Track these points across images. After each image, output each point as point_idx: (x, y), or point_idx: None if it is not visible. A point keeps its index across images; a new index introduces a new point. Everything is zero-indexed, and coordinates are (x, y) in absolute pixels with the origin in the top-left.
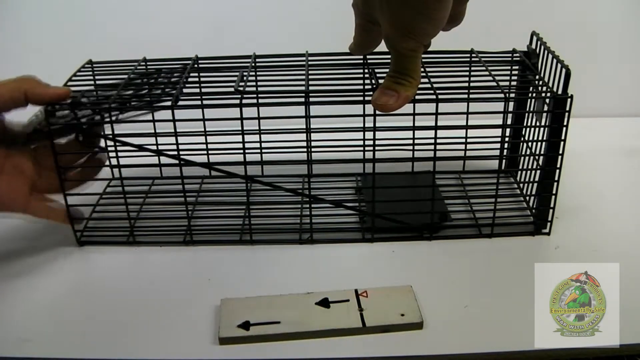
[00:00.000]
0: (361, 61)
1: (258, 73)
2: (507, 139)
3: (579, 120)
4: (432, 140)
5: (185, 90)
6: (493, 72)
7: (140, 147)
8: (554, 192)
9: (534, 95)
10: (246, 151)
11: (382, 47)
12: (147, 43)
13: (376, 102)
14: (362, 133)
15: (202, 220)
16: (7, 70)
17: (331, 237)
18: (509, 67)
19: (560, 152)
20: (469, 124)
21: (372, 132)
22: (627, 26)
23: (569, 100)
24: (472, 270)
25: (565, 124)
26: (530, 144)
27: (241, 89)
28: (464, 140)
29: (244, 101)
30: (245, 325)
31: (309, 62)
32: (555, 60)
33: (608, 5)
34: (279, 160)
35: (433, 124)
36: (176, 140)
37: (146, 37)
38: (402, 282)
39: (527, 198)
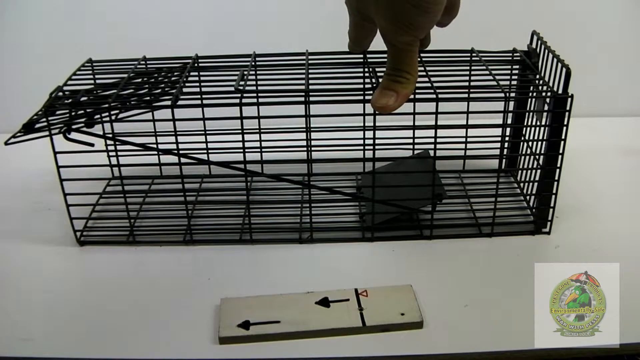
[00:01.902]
0: (361, 60)
1: (258, 72)
2: (507, 139)
3: (579, 120)
4: (432, 140)
5: (185, 90)
6: (493, 72)
7: (140, 146)
8: (554, 191)
9: (534, 94)
10: (246, 150)
11: (383, 46)
12: (147, 42)
13: (375, 104)
14: (362, 132)
15: (202, 220)
16: (8, 70)
17: (331, 236)
18: (510, 67)
19: (561, 151)
20: (469, 123)
21: (372, 132)
22: (627, 26)
23: (569, 99)
24: (472, 269)
25: (565, 123)
26: (530, 143)
27: (241, 88)
28: (464, 139)
29: (244, 100)
30: (245, 325)
31: (309, 61)
32: (555, 60)
33: (608, 6)
34: (279, 159)
35: (433, 123)
36: (176, 139)
37: (146, 36)
38: (402, 281)
39: (527, 197)
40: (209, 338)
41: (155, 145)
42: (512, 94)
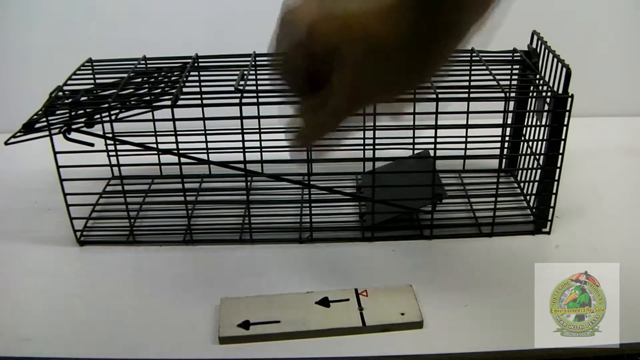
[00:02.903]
0: None
1: (258, 72)
2: (507, 139)
3: (579, 119)
4: (432, 140)
5: (185, 89)
6: (493, 72)
7: (140, 146)
8: (554, 191)
9: (535, 94)
10: (246, 150)
11: None
12: (147, 42)
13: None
14: (362, 132)
15: (202, 220)
16: (8, 69)
17: (331, 236)
18: (510, 67)
19: (561, 151)
20: (469, 123)
21: (372, 132)
22: (627, 26)
23: (569, 99)
24: (472, 269)
25: (565, 123)
26: (530, 143)
27: (241, 87)
28: (464, 139)
29: (244, 100)
30: (245, 325)
31: None
32: (555, 60)
33: (608, 6)
34: (279, 159)
35: (433, 123)
36: (176, 139)
37: (146, 36)
38: (402, 281)
39: (528, 197)
40: (209, 338)
41: (155, 145)
42: (512, 94)
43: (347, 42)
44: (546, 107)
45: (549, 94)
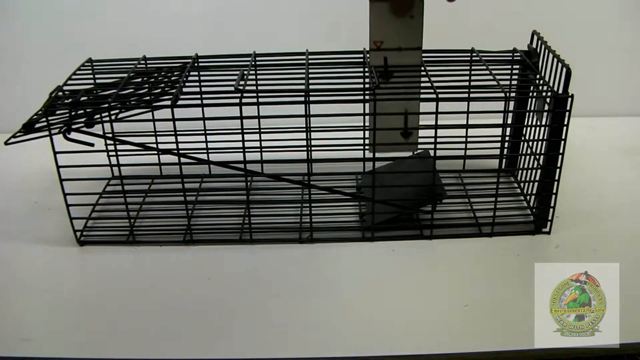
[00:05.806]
0: (361, 60)
1: (258, 72)
2: (507, 138)
3: (579, 119)
4: (432, 140)
5: (185, 89)
6: (494, 71)
7: (140, 146)
8: (554, 191)
9: (535, 94)
10: (246, 150)
11: None
12: (147, 42)
13: None
14: (362, 132)
15: (202, 220)
16: (8, 69)
17: (331, 236)
18: (510, 67)
19: (561, 151)
20: (469, 123)
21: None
22: (627, 26)
23: (569, 99)
24: (472, 269)
25: (565, 123)
26: (530, 143)
27: (241, 87)
28: (464, 139)
29: (244, 100)
30: None
31: (309, 61)
32: (555, 60)
33: (608, 6)
34: (279, 159)
35: (433, 123)
36: (176, 139)
37: (146, 36)
38: (402, 281)
39: (528, 197)
40: (209, 338)
41: (155, 145)
42: (512, 94)
43: None
44: (546, 107)
45: (549, 94)
